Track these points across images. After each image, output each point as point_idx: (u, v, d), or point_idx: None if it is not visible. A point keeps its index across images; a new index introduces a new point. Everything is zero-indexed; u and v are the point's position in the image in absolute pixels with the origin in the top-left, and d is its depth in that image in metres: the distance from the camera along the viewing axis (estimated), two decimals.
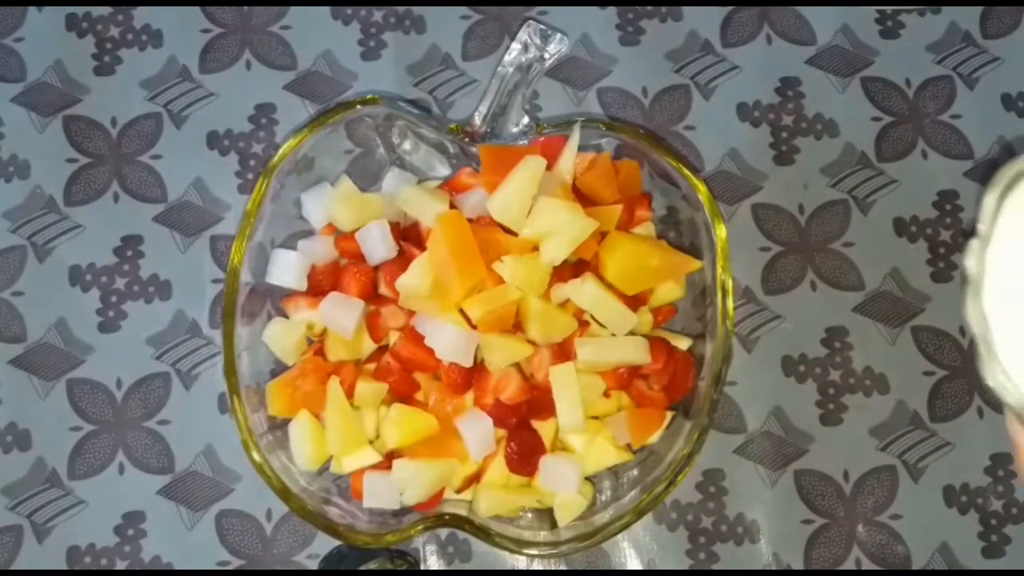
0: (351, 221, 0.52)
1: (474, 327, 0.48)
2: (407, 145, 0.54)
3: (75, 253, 0.57)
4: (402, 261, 0.50)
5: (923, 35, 0.60)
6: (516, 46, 0.55)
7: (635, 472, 0.50)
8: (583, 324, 0.50)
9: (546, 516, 0.50)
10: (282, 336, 0.50)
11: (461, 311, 0.48)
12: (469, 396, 0.49)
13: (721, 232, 0.49)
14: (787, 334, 0.56)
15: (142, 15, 0.60)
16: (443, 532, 0.53)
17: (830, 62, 0.60)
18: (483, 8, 0.60)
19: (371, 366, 0.50)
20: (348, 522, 0.46)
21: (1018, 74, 0.59)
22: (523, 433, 0.49)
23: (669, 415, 0.50)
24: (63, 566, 0.53)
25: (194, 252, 0.57)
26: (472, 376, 0.49)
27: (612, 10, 0.60)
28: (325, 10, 0.60)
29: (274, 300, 0.51)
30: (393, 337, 0.50)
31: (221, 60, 0.59)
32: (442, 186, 0.53)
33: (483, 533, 0.46)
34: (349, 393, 0.49)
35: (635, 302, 0.50)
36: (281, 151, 0.49)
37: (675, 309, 0.54)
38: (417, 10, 0.60)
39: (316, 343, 0.51)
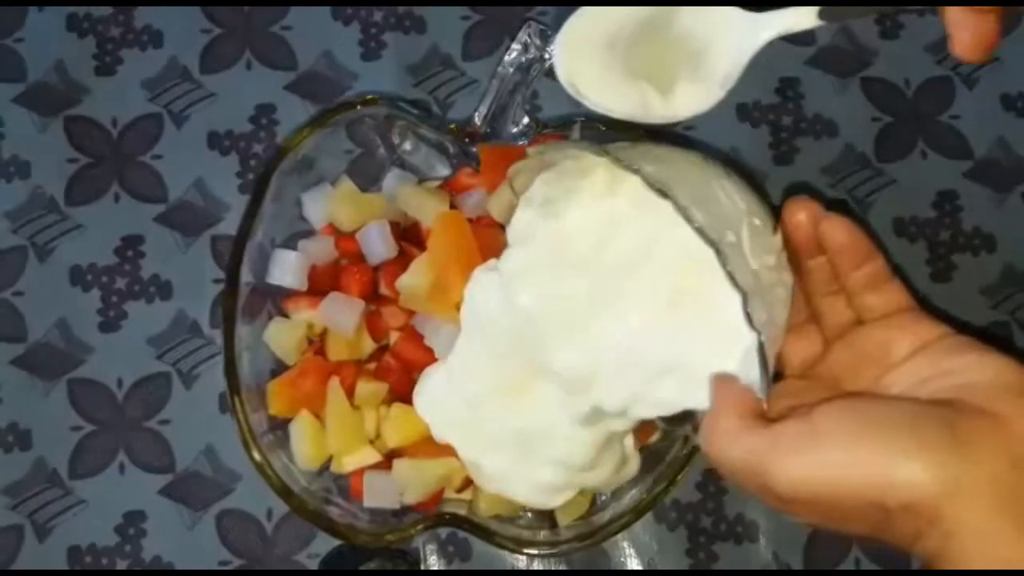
0: (351, 221, 0.52)
1: None
2: (407, 145, 0.54)
3: (76, 253, 0.57)
4: (402, 261, 0.50)
5: (922, 35, 0.60)
6: (516, 46, 0.55)
7: None
8: None
9: (546, 516, 0.50)
10: (282, 336, 0.50)
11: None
12: None
13: None
14: None
15: (143, 15, 0.60)
16: (443, 531, 0.53)
17: (830, 62, 0.60)
18: (483, 8, 0.60)
19: (371, 366, 0.50)
20: (348, 522, 0.46)
21: (1018, 74, 0.59)
22: None
23: None
24: (64, 566, 0.53)
25: (195, 252, 0.57)
26: None
27: None
28: (325, 10, 0.60)
29: (275, 300, 0.51)
30: (393, 337, 0.50)
31: (222, 60, 0.59)
32: (442, 186, 0.53)
33: (483, 532, 0.46)
34: (349, 393, 0.49)
35: None
36: (281, 151, 0.49)
37: None
38: (417, 10, 0.60)
39: (316, 343, 0.51)
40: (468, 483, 0.50)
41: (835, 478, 0.31)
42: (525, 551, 0.46)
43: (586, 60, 0.39)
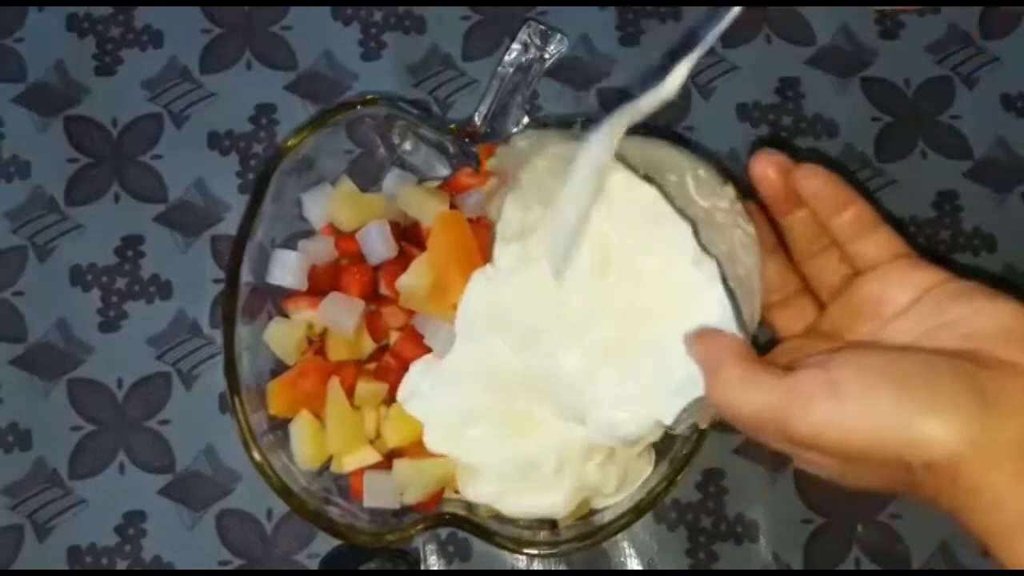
0: (351, 221, 0.52)
1: None
2: (407, 145, 0.54)
3: (76, 253, 0.57)
4: (402, 261, 0.50)
5: (922, 35, 0.60)
6: (516, 46, 0.55)
7: None
8: None
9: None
10: (282, 336, 0.50)
11: None
12: None
13: None
14: None
15: (143, 15, 0.60)
16: (443, 531, 0.53)
17: (830, 62, 0.60)
18: (483, 8, 0.60)
19: (371, 366, 0.50)
20: (348, 522, 0.46)
21: (1017, 74, 0.60)
22: None
23: None
24: (64, 566, 0.53)
25: (195, 252, 0.57)
26: None
27: (612, 10, 0.60)
28: (325, 10, 0.60)
29: (275, 300, 0.51)
30: (393, 337, 0.50)
31: (222, 60, 0.59)
32: (442, 186, 0.53)
33: (483, 533, 0.46)
34: (349, 393, 0.49)
35: None
36: (281, 151, 0.49)
37: None
38: (417, 10, 0.60)
39: (316, 343, 0.51)
40: None
41: (856, 432, 0.30)
42: (525, 551, 0.46)
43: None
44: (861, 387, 0.30)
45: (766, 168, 0.36)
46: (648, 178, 0.37)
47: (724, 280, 0.34)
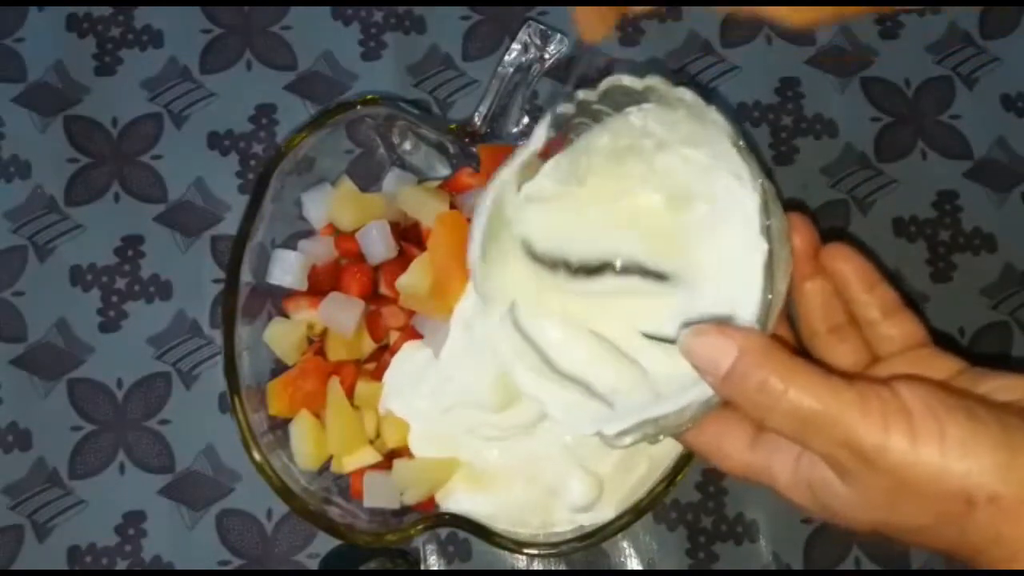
0: (351, 221, 0.52)
1: None
2: (407, 145, 0.54)
3: (76, 253, 0.57)
4: (402, 261, 0.50)
5: (923, 35, 0.60)
6: (516, 47, 0.55)
7: None
8: None
9: None
10: (282, 336, 0.50)
11: None
12: None
13: None
14: None
15: (143, 15, 0.60)
16: (443, 531, 0.53)
17: (830, 62, 0.60)
18: (483, 8, 0.60)
19: (371, 366, 0.50)
20: (348, 522, 0.46)
21: (1017, 74, 0.59)
22: None
23: None
24: (64, 566, 0.53)
25: (195, 252, 0.57)
26: None
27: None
28: (325, 10, 0.60)
29: (275, 300, 0.51)
30: (393, 337, 0.50)
31: (222, 60, 0.59)
32: (442, 186, 0.53)
33: (483, 532, 0.46)
34: (349, 393, 0.49)
35: None
36: (281, 151, 0.49)
37: None
38: (417, 10, 0.60)
39: (316, 343, 0.51)
40: None
41: (927, 460, 0.29)
42: (525, 551, 0.46)
43: None
44: (935, 418, 0.29)
45: (793, 238, 0.35)
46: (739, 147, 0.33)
47: (768, 267, 0.31)
